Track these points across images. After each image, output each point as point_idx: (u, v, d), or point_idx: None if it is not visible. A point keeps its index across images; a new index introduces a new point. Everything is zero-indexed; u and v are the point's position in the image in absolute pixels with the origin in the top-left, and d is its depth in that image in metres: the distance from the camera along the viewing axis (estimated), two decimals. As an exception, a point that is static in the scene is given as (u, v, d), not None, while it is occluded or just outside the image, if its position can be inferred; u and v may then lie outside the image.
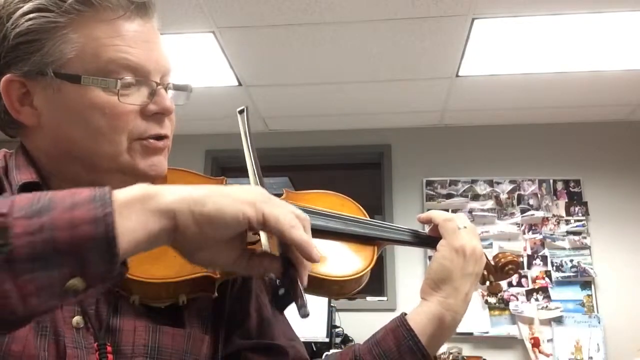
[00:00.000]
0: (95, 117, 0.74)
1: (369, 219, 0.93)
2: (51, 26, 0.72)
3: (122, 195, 0.54)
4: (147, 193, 0.56)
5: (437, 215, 0.93)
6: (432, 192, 4.23)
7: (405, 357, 0.83)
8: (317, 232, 0.84)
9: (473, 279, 0.88)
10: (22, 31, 0.72)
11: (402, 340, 0.84)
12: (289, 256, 0.62)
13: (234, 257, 0.62)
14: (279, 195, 0.92)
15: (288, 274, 0.61)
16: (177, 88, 0.83)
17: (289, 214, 0.60)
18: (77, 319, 0.72)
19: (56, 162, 0.78)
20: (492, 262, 0.98)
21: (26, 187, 0.75)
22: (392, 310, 3.86)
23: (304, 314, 0.59)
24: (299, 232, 0.59)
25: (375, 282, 4.05)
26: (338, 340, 3.63)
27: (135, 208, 0.54)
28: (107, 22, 0.74)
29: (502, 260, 0.98)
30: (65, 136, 0.75)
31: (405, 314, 0.87)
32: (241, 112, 0.88)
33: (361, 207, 0.96)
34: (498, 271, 0.98)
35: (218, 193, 0.58)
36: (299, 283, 0.61)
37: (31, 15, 0.72)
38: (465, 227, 0.89)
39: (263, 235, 0.67)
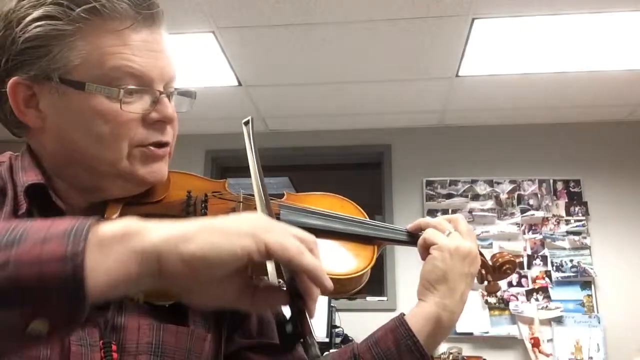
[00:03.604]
0: (98, 123, 0.75)
1: (368, 219, 0.94)
2: (59, 33, 0.74)
3: (103, 230, 0.50)
4: (130, 230, 0.51)
5: (425, 223, 0.94)
6: (432, 192, 4.23)
7: (403, 356, 0.84)
8: (318, 232, 0.85)
9: (469, 279, 0.89)
10: (30, 37, 0.74)
11: (401, 340, 0.85)
12: (296, 286, 0.57)
13: (235, 294, 0.58)
14: (280, 197, 0.93)
15: (296, 305, 0.56)
16: (181, 94, 0.85)
17: (294, 239, 0.55)
18: None
19: (59, 164, 0.79)
20: (490, 262, 0.99)
21: (32, 188, 0.76)
22: (392, 310, 3.85)
23: (314, 355, 0.53)
24: (309, 258, 0.54)
25: (375, 282, 4.06)
26: (338, 340, 3.63)
27: (115, 246, 0.50)
28: (114, 32, 0.75)
29: (500, 259, 0.99)
30: (68, 140, 0.77)
31: (404, 315, 0.88)
32: (246, 123, 0.87)
33: (360, 209, 0.97)
34: (496, 271, 0.99)
35: (210, 228, 0.53)
36: (307, 316, 0.55)
37: (40, 23, 0.73)
38: (457, 231, 0.91)
39: (269, 265, 0.63)
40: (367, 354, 0.86)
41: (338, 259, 0.86)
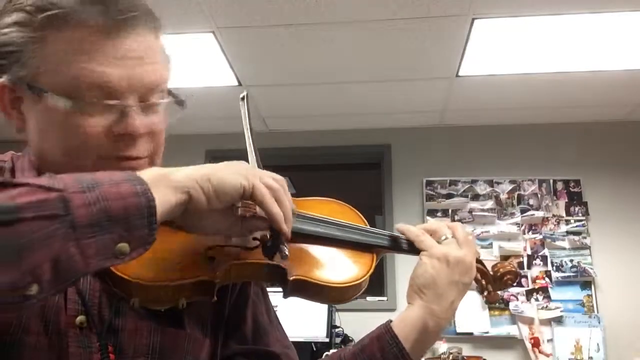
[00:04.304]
0: (61, 133, 0.74)
1: (368, 226, 0.93)
2: (24, 40, 0.73)
3: (144, 176, 0.62)
4: (162, 172, 0.65)
5: (410, 232, 0.93)
6: (432, 192, 4.23)
7: None
8: (316, 239, 0.85)
9: (460, 287, 0.88)
10: (4, 41, 0.74)
11: (386, 347, 0.85)
12: None
13: (230, 221, 0.72)
14: None
15: (275, 231, 0.72)
16: (177, 101, 0.82)
17: (271, 183, 0.71)
18: (80, 318, 0.73)
19: (45, 165, 0.79)
20: (491, 272, 0.99)
21: None
22: (392, 310, 3.86)
23: (284, 253, 0.72)
24: (275, 208, 0.70)
25: (375, 282, 4.06)
26: (338, 340, 3.63)
27: (159, 185, 0.62)
28: (80, 40, 0.72)
29: (501, 270, 0.98)
30: (40, 145, 0.77)
31: (391, 321, 0.88)
32: (243, 98, 0.94)
33: (360, 215, 0.96)
34: (497, 281, 0.99)
35: (216, 169, 0.68)
36: (283, 239, 0.73)
37: (10, 29, 0.73)
38: (454, 238, 0.90)
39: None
40: None
41: (336, 267, 0.85)
